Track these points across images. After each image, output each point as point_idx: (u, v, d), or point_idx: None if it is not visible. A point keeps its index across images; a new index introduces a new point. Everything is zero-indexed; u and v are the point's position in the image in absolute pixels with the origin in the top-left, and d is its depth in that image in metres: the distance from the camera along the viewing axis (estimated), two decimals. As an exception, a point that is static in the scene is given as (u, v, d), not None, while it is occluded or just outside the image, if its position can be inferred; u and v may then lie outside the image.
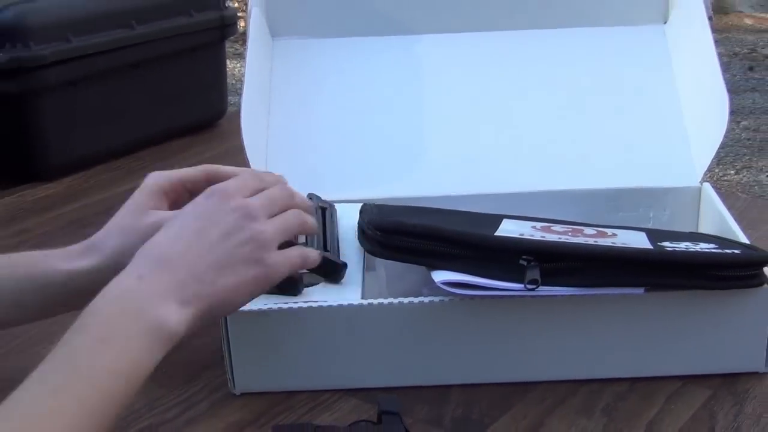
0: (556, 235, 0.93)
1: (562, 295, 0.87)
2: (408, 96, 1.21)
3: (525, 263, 0.86)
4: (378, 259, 0.97)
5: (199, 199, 0.77)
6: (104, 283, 0.78)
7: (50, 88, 1.36)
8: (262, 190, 0.80)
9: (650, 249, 0.91)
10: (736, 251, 0.91)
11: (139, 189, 0.87)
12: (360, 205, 1.01)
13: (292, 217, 0.80)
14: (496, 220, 0.97)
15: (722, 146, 1.08)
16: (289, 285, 0.90)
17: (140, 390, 0.70)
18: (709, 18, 1.13)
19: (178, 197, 0.87)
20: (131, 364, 0.68)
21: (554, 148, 1.16)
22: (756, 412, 0.87)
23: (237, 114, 1.08)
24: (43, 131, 1.38)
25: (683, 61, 1.19)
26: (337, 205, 1.06)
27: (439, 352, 0.90)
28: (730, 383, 0.90)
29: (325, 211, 1.03)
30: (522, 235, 0.92)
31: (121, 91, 1.45)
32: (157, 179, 0.87)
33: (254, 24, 1.18)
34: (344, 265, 0.94)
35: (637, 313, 0.89)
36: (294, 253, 0.81)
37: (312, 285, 0.93)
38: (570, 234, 0.94)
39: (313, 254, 0.85)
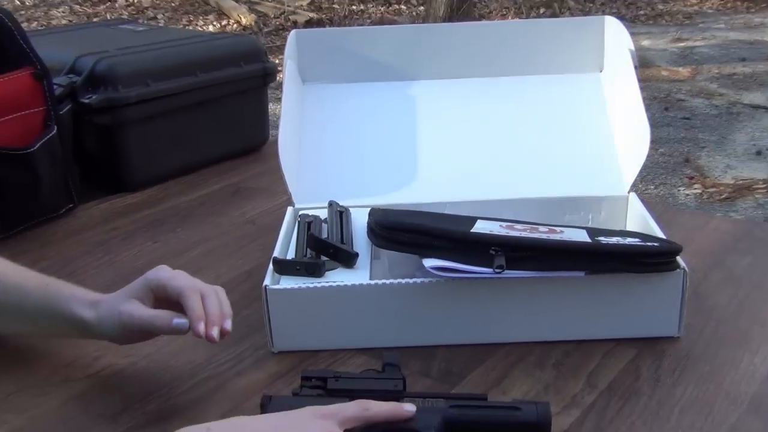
0: (517, 231, 0.93)
1: (522, 277, 0.87)
2: (406, 127, 1.20)
3: (494, 253, 0.86)
4: (382, 249, 0.97)
5: (296, 412, 0.66)
6: (91, 334, 0.82)
7: (134, 122, 1.35)
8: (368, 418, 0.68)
9: (589, 242, 0.91)
10: (655, 244, 0.91)
11: (140, 278, 0.81)
12: (369, 209, 1.01)
13: None
14: (472, 220, 0.96)
15: (644, 167, 1.08)
16: (315, 269, 0.91)
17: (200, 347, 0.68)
18: (636, 67, 1.12)
19: (163, 297, 0.80)
20: None
21: (516, 167, 1.15)
22: (671, 367, 0.87)
23: (275, 142, 1.08)
24: (129, 154, 1.37)
25: (615, 101, 1.19)
26: (351, 210, 1.06)
27: (428, 320, 0.90)
28: (651, 344, 0.90)
29: (342, 214, 1.04)
30: (491, 231, 0.91)
31: (188, 124, 1.44)
32: (149, 280, 0.81)
33: (289, 72, 1.18)
34: (356, 255, 0.94)
35: (579, 290, 0.89)
36: None
37: (332, 269, 0.93)
38: (528, 231, 0.94)
39: None
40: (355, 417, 0.67)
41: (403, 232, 0.91)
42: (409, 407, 0.70)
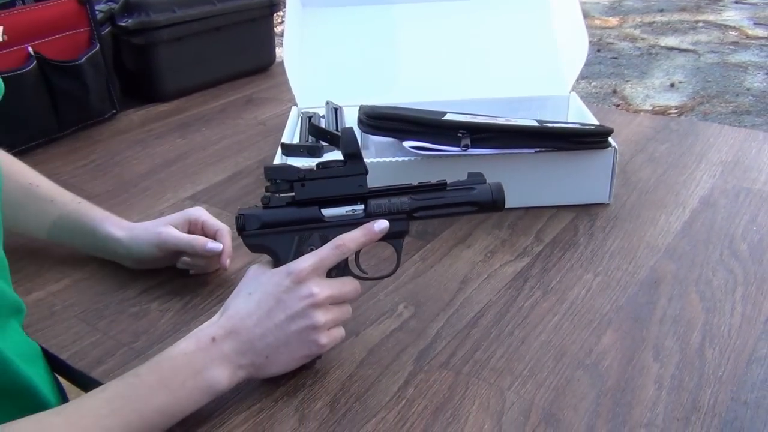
0: (479, 119, 0.91)
1: (484, 154, 0.86)
2: (388, 42, 1.16)
3: (461, 135, 0.85)
4: (370, 139, 0.95)
5: (277, 278, 0.60)
6: (116, 253, 0.76)
7: (164, 42, 1.31)
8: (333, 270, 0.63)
9: (538, 125, 0.89)
10: (591, 127, 0.90)
11: (179, 213, 0.78)
12: (358, 106, 0.97)
13: (345, 313, 0.63)
14: (442, 113, 0.94)
15: (580, 97, 1.05)
16: (315, 151, 0.89)
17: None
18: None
19: (197, 230, 0.77)
20: (176, 408, 0.56)
21: (477, 73, 1.12)
22: (602, 225, 0.87)
23: (281, 63, 1.06)
24: (160, 70, 1.33)
25: (558, 15, 1.15)
26: (344, 108, 1.04)
27: None
28: (587, 209, 0.90)
29: (337, 110, 1.02)
30: (460, 119, 0.89)
31: (209, 46, 1.39)
32: (190, 213, 0.77)
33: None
34: None
35: (530, 164, 0.88)
36: (338, 334, 0.63)
37: (329, 152, 0.91)
38: (488, 120, 0.91)
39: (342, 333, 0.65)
40: (333, 261, 0.61)
41: (387, 120, 0.89)
42: (380, 225, 0.63)
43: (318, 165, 0.63)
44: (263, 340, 0.59)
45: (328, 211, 0.63)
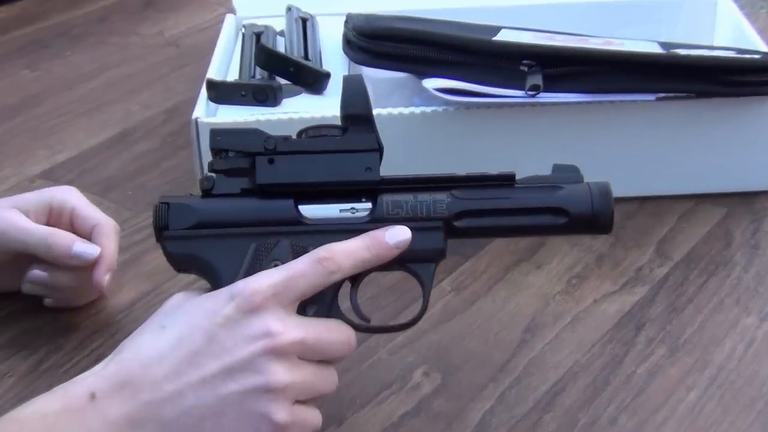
0: (558, 41, 0.91)
1: (565, 103, 0.86)
2: None
3: (526, 69, 0.84)
4: (364, 68, 0.93)
5: (212, 304, 0.59)
6: None
7: None
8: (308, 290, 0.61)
9: (661, 53, 0.89)
10: (755, 56, 0.90)
11: (36, 192, 0.79)
12: (344, 16, 0.97)
13: (325, 379, 0.61)
14: (494, 30, 0.93)
15: None
16: (267, 94, 0.89)
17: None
18: None
19: (65, 222, 0.78)
20: None
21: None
22: (775, 230, 0.87)
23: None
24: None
25: None
26: (318, 18, 1.05)
27: (433, 163, 0.85)
28: (747, 201, 0.90)
29: (306, 22, 1.04)
30: (521, 41, 0.90)
31: None
32: (54, 197, 0.78)
33: None
34: (327, 75, 0.92)
35: (646, 123, 0.88)
36: (310, 418, 0.60)
37: (292, 96, 0.92)
38: (575, 42, 0.91)
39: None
40: (311, 286, 0.60)
41: (395, 41, 0.88)
42: (396, 234, 0.62)
43: (301, 132, 0.65)
44: (178, 404, 0.57)
45: (309, 209, 0.64)
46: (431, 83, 0.87)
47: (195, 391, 0.57)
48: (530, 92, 0.83)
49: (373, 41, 0.89)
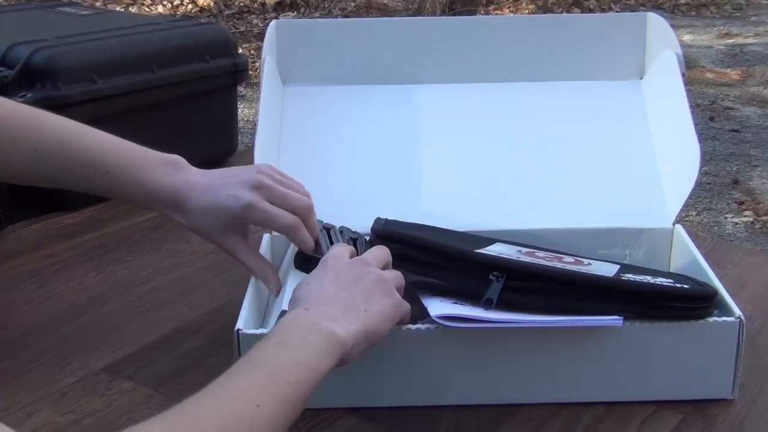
0: (535, 259, 0.95)
1: (517, 326, 0.88)
2: (404, 140, 1.21)
3: (494, 279, 0.89)
4: None
5: (344, 265, 0.87)
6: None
7: (77, 125, 1.35)
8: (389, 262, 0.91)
9: (606, 276, 0.92)
10: (685, 286, 0.93)
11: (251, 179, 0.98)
12: (375, 219, 1.04)
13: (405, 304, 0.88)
14: (489, 241, 0.99)
15: None
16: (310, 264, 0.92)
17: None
18: (683, 75, 1.14)
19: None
20: (308, 359, 0.74)
21: (539, 190, 1.16)
22: (724, 436, 0.87)
23: (247, 152, 1.08)
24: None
25: (658, 113, 1.20)
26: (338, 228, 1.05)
27: (432, 376, 0.90)
28: (700, 408, 0.90)
29: (330, 231, 1.03)
30: (501, 254, 0.94)
31: (141, 129, 1.41)
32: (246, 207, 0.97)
33: (267, 71, 1.19)
34: None
35: (612, 341, 0.89)
36: (400, 281, 0.89)
37: None
38: (548, 260, 0.96)
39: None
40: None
41: (397, 243, 0.94)
42: None
43: None
44: (352, 298, 0.82)
45: None
46: (435, 310, 0.89)
47: (350, 288, 0.83)
48: (485, 306, 0.88)
49: (380, 241, 0.95)
